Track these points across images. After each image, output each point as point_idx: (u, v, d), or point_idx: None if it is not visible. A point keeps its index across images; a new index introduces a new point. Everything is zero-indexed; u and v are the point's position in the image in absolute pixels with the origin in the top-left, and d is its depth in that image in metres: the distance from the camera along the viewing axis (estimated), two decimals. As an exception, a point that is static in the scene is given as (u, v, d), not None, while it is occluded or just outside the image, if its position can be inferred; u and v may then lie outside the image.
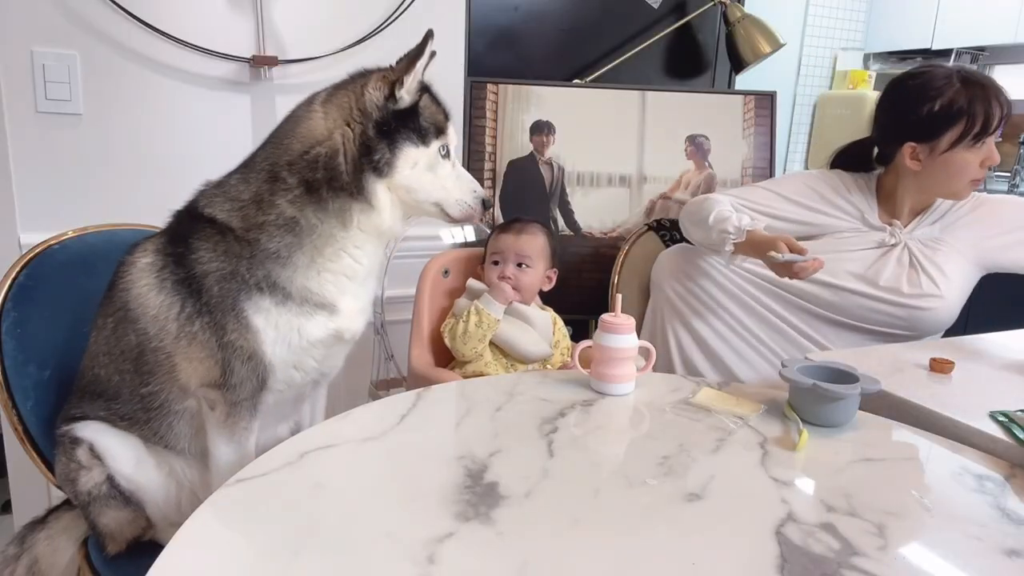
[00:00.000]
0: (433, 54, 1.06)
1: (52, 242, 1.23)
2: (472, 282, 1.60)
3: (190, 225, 1.06)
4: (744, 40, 2.50)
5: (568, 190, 2.08)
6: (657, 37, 2.49)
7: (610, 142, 2.08)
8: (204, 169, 2.01)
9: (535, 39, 2.47)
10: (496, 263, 1.58)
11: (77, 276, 1.24)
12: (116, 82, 1.79)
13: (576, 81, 2.36)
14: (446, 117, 1.10)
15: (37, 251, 1.21)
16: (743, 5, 2.65)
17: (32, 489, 1.76)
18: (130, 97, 1.81)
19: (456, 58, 2.18)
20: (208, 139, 1.91)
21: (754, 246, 1.41)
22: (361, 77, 1.07)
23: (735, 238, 1.43)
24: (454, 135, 1.12)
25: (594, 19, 2.52)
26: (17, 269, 1.17)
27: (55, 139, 1.76)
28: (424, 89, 1.07)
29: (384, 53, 2.07)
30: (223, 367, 1.02)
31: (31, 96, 1.71)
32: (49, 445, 1.15)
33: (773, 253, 1.33)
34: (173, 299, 1.02)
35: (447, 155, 1.10)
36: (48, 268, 1.21)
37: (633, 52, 2.45)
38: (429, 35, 1.04)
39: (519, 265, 1.56)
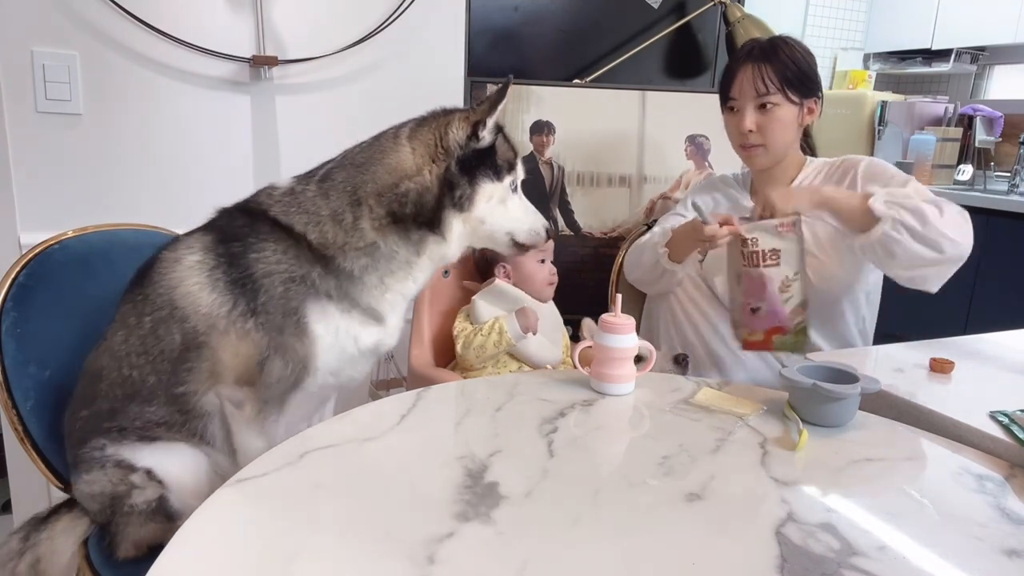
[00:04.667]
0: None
1: (52, 242, 1.23)
2: (502, 285, 1.56)
3: (251, 226, 1.06)
4: (744, 40, 2.50)
5: (568, 190, 2.08)
6: (657, 37, 2.49)
7: (610, 142, 2.08)
8: (204, 169, 2.00)
9: (535, 39, 2.47)
10: (542, 261, 1.59)
11: (77, 276, 1.24)
12: (116, 82, 1.79)
13: (576, 81, 2.37)
14: (515, 155, 1.15)
15: (37, 251, 1.21)
16: (743, 5, 2.65)
17: (32, 489, 1.76)
18: (130, 97, 1.81)
19: (456, 58, 2.18)
20: (208, 139, 1.91)
21: (682, 236, 1.48)
22: (444, 115, 1.11)
23: (663, 241, 1.51)
24: (521, 171, 1.17)
25: (594, 19, 2.52)
26: (17, 269, 1.17)
27: (55, 139, 1.76)
28: (499, 129, 1.12)
29: (384, 53, 2.07)
30: (264, 366, 1.03)
31: (31, 96, 1.71)
32: (50, 446, 1.15)
33: (697, 221, 1.37)
34: (226, 298, 1.02)
35: (516, 189, 1.15)
36: (48, 268, 1.20)
37: (633, 52, 2.45)
38: (508, 82, 1.09)
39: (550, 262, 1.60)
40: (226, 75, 1.90)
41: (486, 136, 1.08)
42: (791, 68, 1.44)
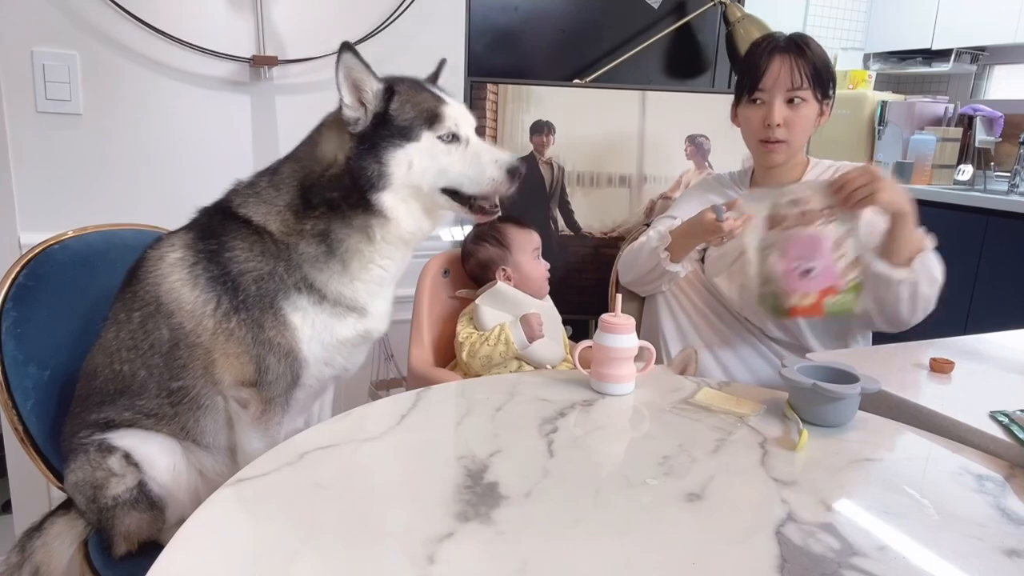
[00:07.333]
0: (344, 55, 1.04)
1: (52, 242, 1.23)
2: (504, 287, 1.54)
3: (223, 223, 1.08)
4: (744, 40, 2.50)
5: (568, 190, 2.08)
6: (657, 37, 2.49)
7: (610, 142, 2.08)
8: (204, 169, 2.00)
9: (535, 39, 2.47)
10: (537, 257, 1.59)
11: (77, 276, 1.24)
12: (116, 82, 1.79)
13: (576, 81, 2.36)
14: (437, 102, 1.08)
15: (37, 251, 1.21)
16: (743, 5, 2.65)
17: (32, 489, 1.76)
18: (130, 97, 1.81)
19: (456, 58, 2.18)
20: (208, 139, 1.91)
21: (684, 234, 1.47)
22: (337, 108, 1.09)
23: (663, 243, 1.50)
24: (458, 115, 1.09)
25: (594, 19, 2.52)
26: (17, 269, 1.17)
27: (55, 139, 1.76)
28: (390, 93, 1.06)
29: (384, 53, 2.06)
30: (259, 364, 1.05)
31: (31, 96, 1.71)
32: (50, 446, 1.15)
33: (709, 215, 1.35)
34: (208, 295, 1.05)
35: (452, 139, 1.08)
36: (48, 268, 1.21)
37: (633, 52, 2.45)
38: (344, 46, 1.02)
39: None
40: (226, 75, 1.90)
41: (349, 113, 1.04)
42: (820, 65, 1.44)
